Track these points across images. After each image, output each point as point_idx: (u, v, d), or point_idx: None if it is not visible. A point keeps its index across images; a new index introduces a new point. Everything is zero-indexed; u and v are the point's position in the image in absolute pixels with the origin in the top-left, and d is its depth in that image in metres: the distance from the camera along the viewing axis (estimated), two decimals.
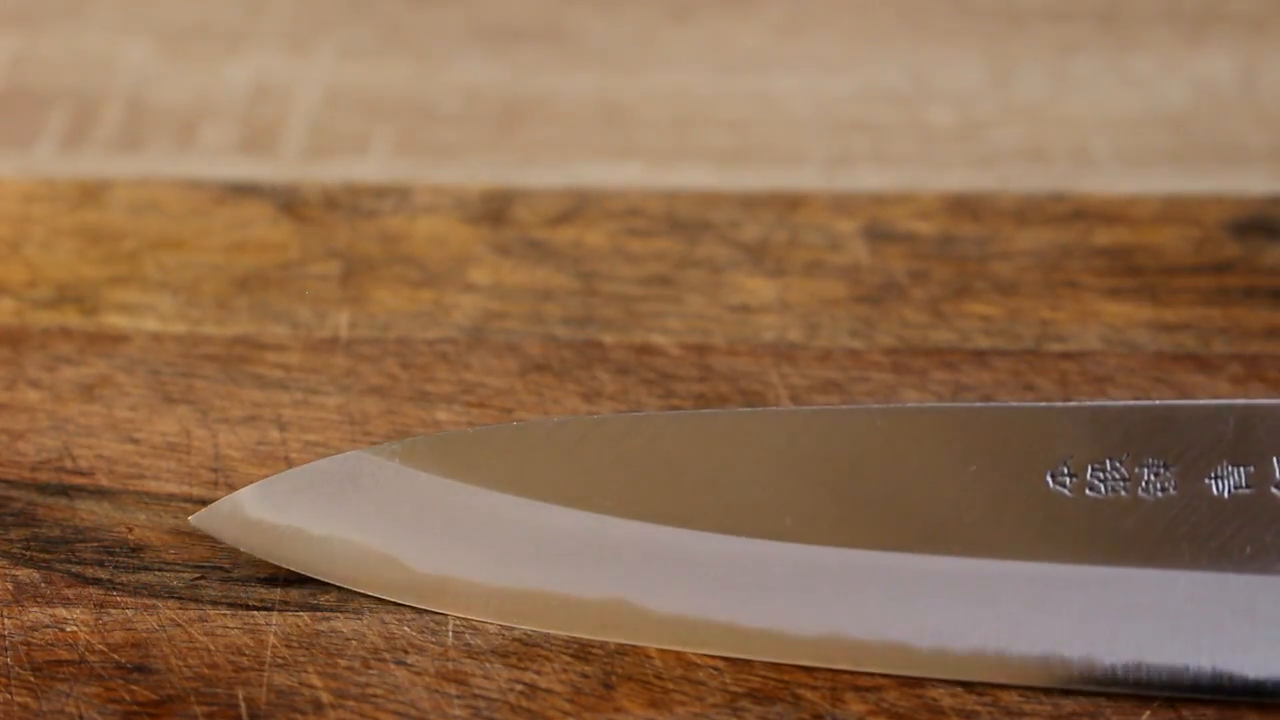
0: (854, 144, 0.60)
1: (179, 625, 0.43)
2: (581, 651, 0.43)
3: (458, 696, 0.42)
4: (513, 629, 0.43)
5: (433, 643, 0.43)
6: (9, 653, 0.43)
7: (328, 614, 0.44)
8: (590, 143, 0.60)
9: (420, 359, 0.51)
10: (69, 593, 0.44)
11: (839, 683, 0.42)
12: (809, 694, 0.42)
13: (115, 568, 0.45)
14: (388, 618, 0.44)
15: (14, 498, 0.47)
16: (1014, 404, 0.44)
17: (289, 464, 0.47)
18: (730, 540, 0.43)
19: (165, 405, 0.49)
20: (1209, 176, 0.58)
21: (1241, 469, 0.42)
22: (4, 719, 0.41)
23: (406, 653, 0.43)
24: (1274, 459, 0.42)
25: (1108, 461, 0.42)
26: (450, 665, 0.43)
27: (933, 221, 0.55)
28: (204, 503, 0.46)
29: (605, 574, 0.43)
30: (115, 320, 0.52)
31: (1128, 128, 0.60)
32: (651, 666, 0.42)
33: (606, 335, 0.51)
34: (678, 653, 0.43)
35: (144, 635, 0.43)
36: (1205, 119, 0.61)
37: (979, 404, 0.45)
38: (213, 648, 0.43)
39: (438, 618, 0.44)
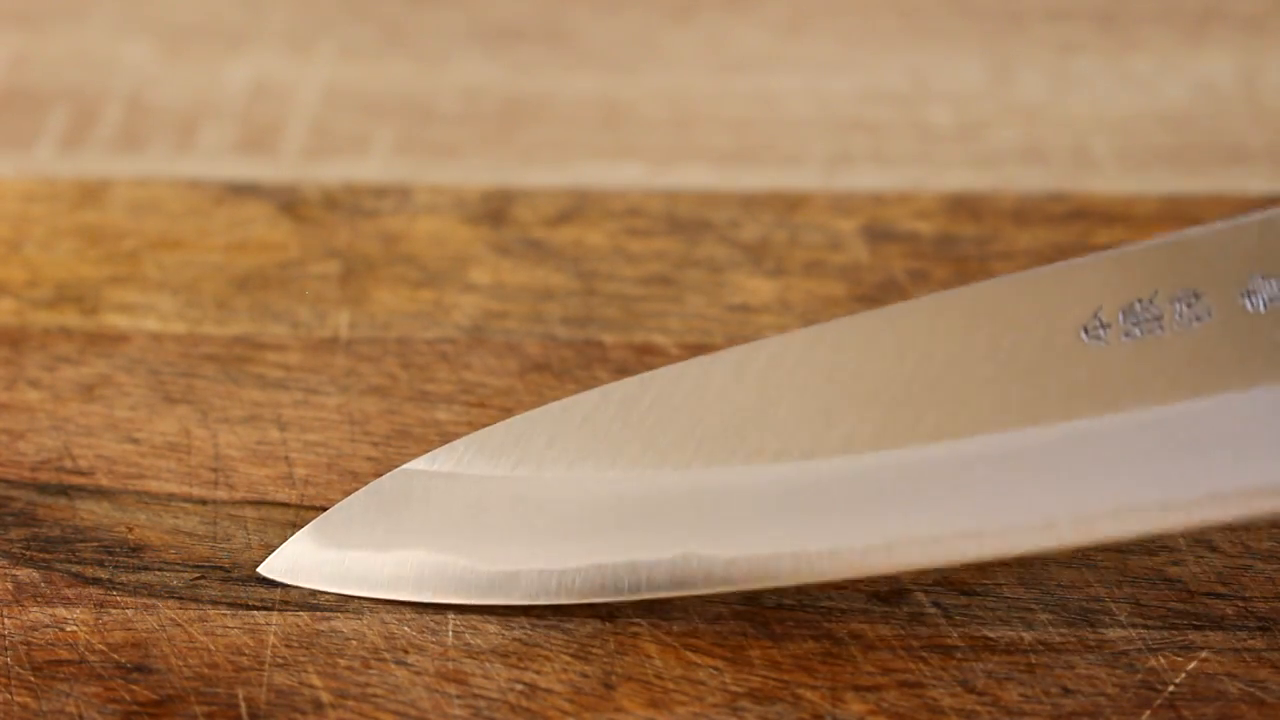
0: (854, 144, 0.60)
1: (179, 625, 0.43)
2: (581, 651, 0.43)
3: (457, 696, 0.42)
4: (512, 629, 0.43)
5: (433, 642, 0.43)
6: (9, 653, 0.43)
7: (328, 614, 0.44)
8: (590, 143, 0.60)
9: (420, 359, 0.51)
10: (69, 593, 0.44)
11: (839, 683, 0.42)
12: (809, 694, 0.42)
13: (115, 568, 0.45)
14: (388, 617, 0.44)
15: (14, 498, 0.47)
16: (1029, 271, 0.43)
17: (289, 464, 0.47)
18: (780, 467, 0.42)
19: (165, 405, 0.49)
20: (1209, 176, 0.58)
21: (1274, 280, 0.41)
22: (4, 719, 0.41)
23: (406, 652, 0.43)
24: None
25: (1137, 303, 0.41)
26: (450, 665, 0.43)
27: (933, 221, 0.55)
28: (204, 503, 0.46)
29: (667, 530, 0.42)
30: (115, 320, 0.52)
31: (1128, 128, 0.60)
32: (651, 666, 0.42)
33: (606, 335, 0.51)
34: (677, 652, 0.43)
35: (144, 635, 0.43)
36: (1205, 119, 0.61)
37: (991, 279, 0.44)
38: (213, 648, 0.43)
39: (438, 617, 0.44)
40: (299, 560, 0.44)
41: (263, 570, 0.44)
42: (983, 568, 0.45)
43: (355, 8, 0.67)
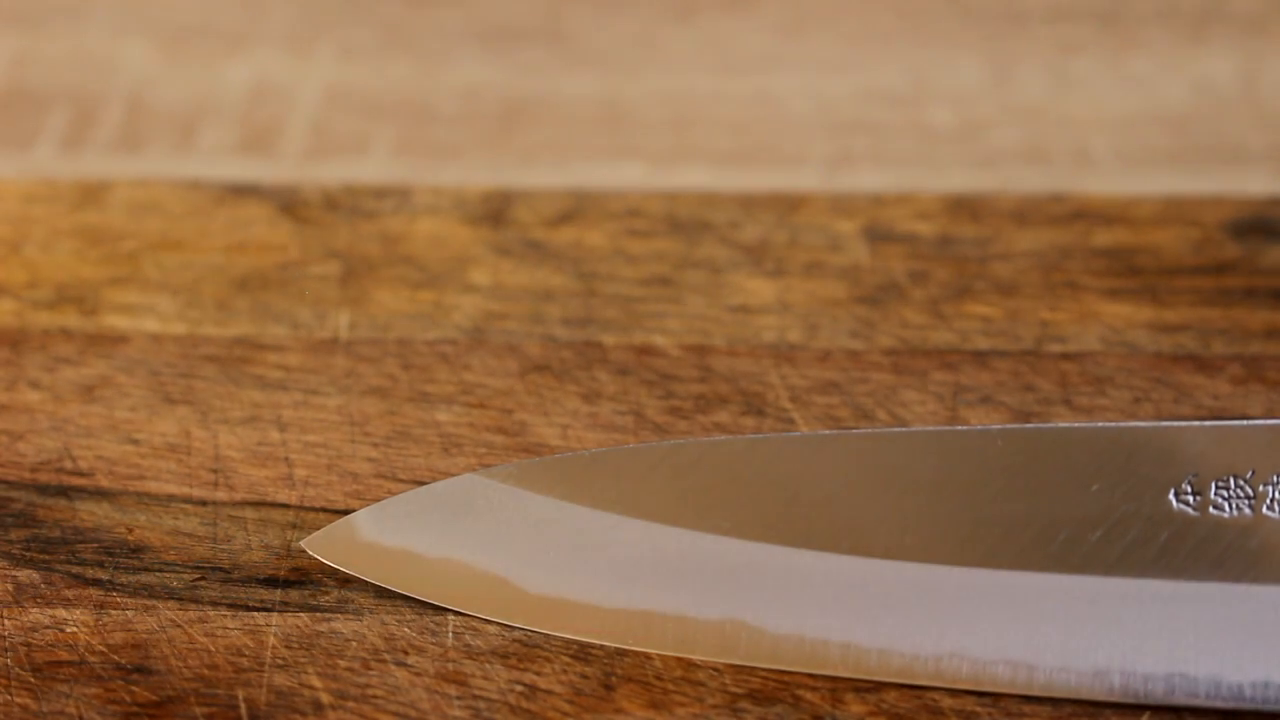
0: (854, 144, 0.60)
1: (179, 626, 0.43)
2: (581, 652, 0.43)
3: (457, 697, 0.42)
4: (512, 629, 0.43)
5: (433, 643, 0.43)
6: (9, 653, 0.43)
7: (328, 615, 0.44)
8: (590, 143, 0.60)
9: (420, 360, 0.51)
10: (69, 593, 0.44)
11: (839, 684, 0.42)
12: (809, 695, 0.42)
13: (115, 568, 0.45)
14: (388, 619, 0.44)
15: (14, 498, 0.47)
16: (1136, 424, 0.44)
17: (289, 465, 0.47)
18: (849, 560, 0.42)
19: (165, 406, 0.49)
20: (1209, 177, 0.58)
21: None
22: (4, 719, 0.41)
23: (406, 653, 0.43)
24: None
25: (1232, 480, 0.42)
26: (450, 666, 0.43)
27: (933, 222, 0.55)
28: (204, 504, 0.46)
29: (722, 595, 0.42)
30: (115, 321, 0.52)
31: (1128, 128, 0.60)
32: (651, 667, 0.42)
33: (606, 336, 0.51)
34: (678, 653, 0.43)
35: (144, 636, 0.43)
36: (1205, 119, 0.61)
37: (1101, 424, 0.44)
38: (213, 649, 0.43)
39: (437, 619, 0.44)
40: (343, 541, 0.44)
41: (304, 545, 0.44)
42: None
43: (355, 8, 0.67)
